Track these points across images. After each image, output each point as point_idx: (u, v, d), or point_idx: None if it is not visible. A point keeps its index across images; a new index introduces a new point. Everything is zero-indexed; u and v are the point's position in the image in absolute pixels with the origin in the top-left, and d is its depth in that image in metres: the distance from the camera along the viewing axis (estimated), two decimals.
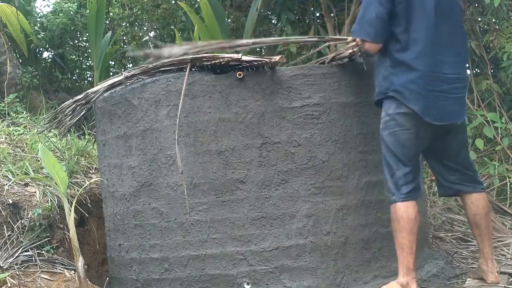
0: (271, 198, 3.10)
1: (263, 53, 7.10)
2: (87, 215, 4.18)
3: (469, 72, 5.19)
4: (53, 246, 3.77)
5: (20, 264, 3.51)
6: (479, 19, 5.44)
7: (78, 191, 3.77)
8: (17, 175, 3.98)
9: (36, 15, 8.74)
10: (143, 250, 3.34)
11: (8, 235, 3.65)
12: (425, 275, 3.30)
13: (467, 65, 3.14)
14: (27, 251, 3.62)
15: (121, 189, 3.46)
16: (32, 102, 7.16)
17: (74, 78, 9.27)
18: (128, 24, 9.22)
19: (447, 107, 2.95)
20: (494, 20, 5.29)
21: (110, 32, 7.98)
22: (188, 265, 3.18)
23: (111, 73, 7.79)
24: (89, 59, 8.98)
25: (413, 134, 2.94)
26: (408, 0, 2.90)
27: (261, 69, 3.16)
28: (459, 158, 3.12)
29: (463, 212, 4.36)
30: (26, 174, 4.02)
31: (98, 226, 4.23)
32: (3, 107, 6.28)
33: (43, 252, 3.68)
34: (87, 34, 7.86)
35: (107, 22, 8.84)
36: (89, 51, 8.06)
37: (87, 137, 5.10)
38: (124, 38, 9.39)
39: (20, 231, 3.69)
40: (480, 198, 3.12)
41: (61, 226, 3.89)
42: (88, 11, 7.38)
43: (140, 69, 3.36)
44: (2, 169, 4.06)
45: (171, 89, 3.21)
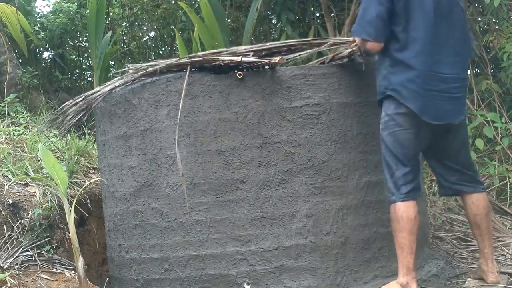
0: (271, 198, 3.10)
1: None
2: (87, 215, 4.18)
3: (469, 72, 5.18)
4: (53, 246, 3.77)
5: (20, 264, 3.51)
6: (479, 19, 5.44)
7: (78, 191, 3.77)
8: (17, 175, 3.97)
9: (36, 15, 8.73)
10: (143, 250, 3.34)
11: (8, 235, 3.64)
12: (425, 275, 3.30)
13: (467, 65, 3.11)
14: (27, 251, 3.62)
15: (121, 189, 3.46)
16: (32, 102, 7.16)
17: (74, 78, 9.27)
18: (128, 24, 9.22)
19: (445, 107, 2.94)
20: (494, 20, 5.28)
21: (110, 32, 7.98)
22: (188, 265, 3.18)
23: (111, 73, 7.78)
24: (89, 59, 8.98)
25: (413, 134, 2.94)
26: None
27: (261, 69, 3.16)
28: (459, 158, 3.12)
29: (463, 212, 4.36)
30: (26, 174, 4.02)
31: (98, 226, 4.23)
32: (3, 107, 6.28)
33: (43, 252, 3.68)
34: (87, 34, 7.85)
35: (107, 22, 8.83)
36: (89, 51, 8.06)
37: (87, 137, 5.10)
38: (124, 38, 9.38)
39: (20, 231, 3.69)
40: (481, 198, 3.12)
41: (61, 226, 3.89)
42: (88, 11, 7.38)
43: (140, 73, 3.35)
44: (2, 169, 4.06)
45: (171, 89, 3.21)
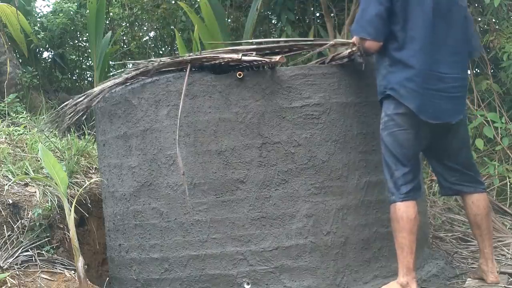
0: (271, 198, 3.10)
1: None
2: (87, 215, 4.18)
3: (469, 72, 5.18)
4: (53, 246, 3.77)
5: (20, 264, 3.51)
6: (479, 19, 5.44)
7: (78, 191, 3.77)
8: (17, 175, 3.97)
9: (36, 15, 8.73)
10: (143, 250, 3.34)
11: (8, 235, 3.64)
12: (425, 275, 3.30)
13: (467, 65, 3.11)
14: (27, 251, 3.61)
15: (121, 189, 3.46)
16: (32, 102, 7.16)
17: (74, 78, 9.27)
18: (128, 24, 9.22)
19: (443, 106, 2.94)
20: (494, 20, 5.28)
21: (110, 32, 7.98)
22: (188, 265, 3.18)
23: (111, 73, 7.78)
24: (89, 59, 8.98)
25: (412, 134, 2.94)
26: None
27: (261, 69, 3.16)
28: (460, 158, 3.12)
29: (463, 212, 4.36)
30: (26, 174, 4.02)
31: (98, 226, 4.22)
32: (3, 107, 6.28)
33: (43, 252, 3.68)
34: (87, 34, 7.86)
35: (107, 22, 8.83)
36: (89, 51, 8.06)
37: (87, 137, 5.10)
38: (124, 38, 9.39)
39: (20, 231, 3.69)
40: (481, 198, 3.12)
41: (61, 226, 3.89)
42: (88, 11, 7.38)
43: (140, 71, 3.36)
44: (2, 169, 4.06)
45: (171, 89, 3.21)
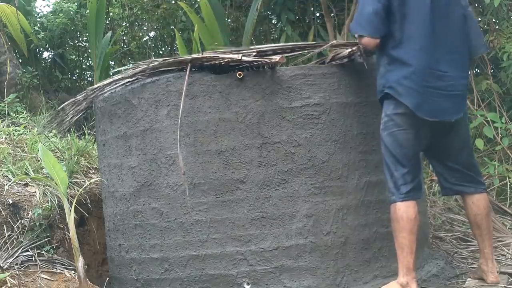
0: (271, 198, 3.10)
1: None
2: (87, 215, 4.18)
3: (469, 72, 5.17)
4: (53, 246, 3.77)
5: (20, 264, 3.51)
6: (479, 19, 5.44)
7: (78, 191, 3.77)
8: (17, 175, 3.97)
9: (36, 15, 8.73)
10: (143, 250, 3.34)
11: (8, 235, 3.65)
12: (425, 275, 3.30)
13: (467, 64, 3.09)
14: (27, 251, 3.62)
15: (121, 189, 3.46)
16: (32, 102, 7.16)
17: (74, 78, 9.27)
18: (128, 24, 9.22)
19: (441, 104, 2.93)
20: (494, 20, 5.28)
21: (110, 32, 7.98)
22: (188, 265, 3.18)
23: (111, 73, 7.78)
24: (89, 59, 8.98)
25: (412, 134, 2.94)
26: None
27: (261, 69, 3.16)
28: (460, 158, 3.11)
29: (463, 212, 4.36)
30: (26, 174, 4.02)
31: (98, 226, 4.22)
32: (3, 107, 6.28)
33: (43, 252, 3.68)
34: (87, 34, 7.86)
35: (107, 22, 8.83)
36: (89, 51, 8.06)
37: (87, 137, 5.10)
38: (124, 38, 9.39)
39: (20, 231, 3.69)
40: (481, 198, 3.11)
41: (61, 226, 3.89)
42: (88, 11, 7.38)
43: (140, 70, 3.36)
44: (2, 169, 4.06)
45: (171, 89, 3.21)
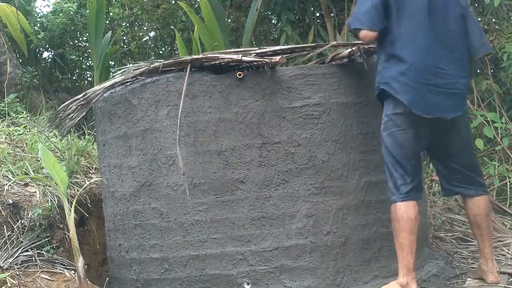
0: (271, 198, 3.10)
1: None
2: (87, 215, 4.18)
3: (472, 72, 5.16)
4: (53, 246, 3.77)
5: (20, 264, 3.52)
6: (479, 19, 5.44)
7: (78, 191, 3.77)
8: (17, 175, 3.97)
9: (36, 15, 8.73)
10: (143, 250, 3.34)
11: (8, 235, 3.65)
12: (425, 275, 3.30)
13: (467, 63, 3.07)
14: (27, 251, 3.62)
15: (121, 189, 3.46)
16: (32, 102, 7.16)
17: (74, 78, 9.27)
18: (128, 24, 9.22)
19: (438, 101, 2.92)
20: (494, 20, 5.28)
21: (110, 32, 7.98)
22: (188, 265, 3.18)
23: (111, 73, 7.78)
24: (89, 59, 8.98)
25: (412, 134, 2.94)
26: None
27: (261, 69, 3.16)
28: (461, 159, 3.10)
29: (463, 212, 4.36)
30: (26, 174, 4.02)
31: (98, 226, 4.23)
32: (3, 107, 6.28)
33: (43, 252, 3.68)
34: (87, 34, 7.86)
35: (107, 22, 8.83)
36: (89, 51, 8.06)
37: (87, 137, 5.10)
38: (124, 38, 9.38)
39: (20, 231, 3.69)
40: (481, 199, 3.11)
41: (61, 226, 3.89)
42: (88, 11, 7.38)
43: (140, 71, 3.36)
44: (2, 169, 4.06)
45: (171, 89, 3.21)
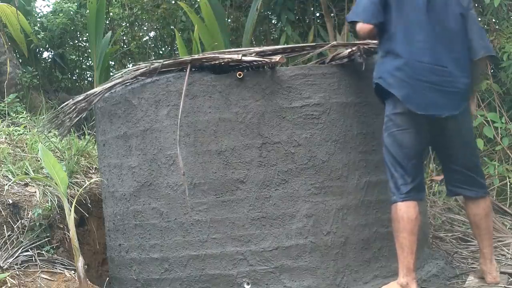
0: (271, 198, 3.10)
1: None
2: (87, 215, 4.18)
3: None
4: (53, 246, 3.77)
5: (20, 264, 3.51)
6: (479, 19, 5.44)
7: (78, 191, 3.77)
8: (17, 175, 3.97)
9: (36, 15, 8.73)
10: (143, 250, 3.34)
11: (8, 235, 3.64)
12: (425, 275, 3.30)
13: (468, 63, 3.07)
14: (27, 251, 3.62)
15: (121, 189, 3.46)
16: (32, 102, 7.15)
17: (74, 78, 9.27)
18: (128, 24, 9.22)
19: (434, 99, 2.91)
20: (494, 20, 5.28)
21: (110, 32, 7.98)
22: (188, 265, 3.18)
23: (111, 73, 7.78)
24: (89, 59, 8.98)
25: (412, 134, 2.94)
26: None
27: (261, 69, 3.16)
28: (461, 159, 3.09)
29: (463, 212, 4.36)
30: (26, 174, 4.02)
31: (98, 226, 4.22)
32: (3, 107, 6.28)
33: (43, 252, 3.68)
34: (87, 34, 7.86)
35: (107, 22, 8.83)
36: (89, 51, 8.06)
37: (87, 137, 5.10)
38: (124, 38, 9.38)
39: (20, 231, 3.69)
40: (482, 200, 3.10)
41: (61, 226, 3.89)
42: (88, 11, 7.38)
43: (140, 71, 3.36)
44: (2, 169, 4.06)
45: (171, 89, 3.21)
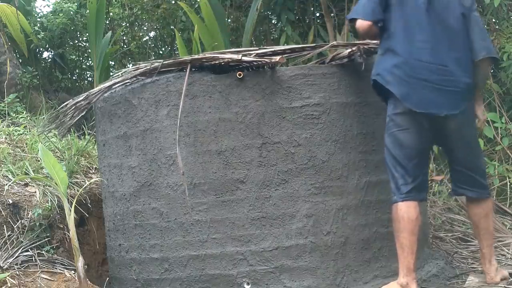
0: (271, 198, 3.10)
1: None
2: (87, 215, 4.18)
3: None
4: (53, 246, 3.77)
5: (20, 264, 3.51)
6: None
7: (78, 191, 3.77)
8: (17, 175, 3.97)
9: (36, 15, 8.72)
10: (143, 250, 3.34)
11: (8, 235, 3.65)
12: (425, 275, 3.30)
13: (470, 64, 3.06)
14: (27, 251, 3.62)
15: (121, 189, 3.46)
16: (32, 102, 7.15)
17: (74, 78, 9.26)
18: (128, 24, 9.22)
19: (432, 97, 2.90)
20: (494, 20, 5.28)
21: (110, 32, 7.97)
22: (188, 265, 3.18)
23: (111, 73, 7.78)
24: (89, 59, 8.97)
25: (413, 133, 2.94)
26: None
27: (261, 69, 3.16)
28: (462, 159, 3.09)
29: (463, 212, 4.37)
30: (26, 174, 4.02)
31: (98, 226, 4.23)
32: (3, 107, 6.27)
33: (43, 252, 3.68)
34: (87, 34, 7.85)
35: (107, 22, 8.82)
36: (89, 51, 8.05)
37: (87, 137, 5.10)
38: (124, 38, 9.38)
39: (20, 231, 3.69)
40: (483, 201, 3.10)
41: (61, 226, 3.89)
42: (88, 11, 7.37)
43: (140, 71, 3.36)
44: (2, 169, 4.06)
45: (171, 89, 3.21)
